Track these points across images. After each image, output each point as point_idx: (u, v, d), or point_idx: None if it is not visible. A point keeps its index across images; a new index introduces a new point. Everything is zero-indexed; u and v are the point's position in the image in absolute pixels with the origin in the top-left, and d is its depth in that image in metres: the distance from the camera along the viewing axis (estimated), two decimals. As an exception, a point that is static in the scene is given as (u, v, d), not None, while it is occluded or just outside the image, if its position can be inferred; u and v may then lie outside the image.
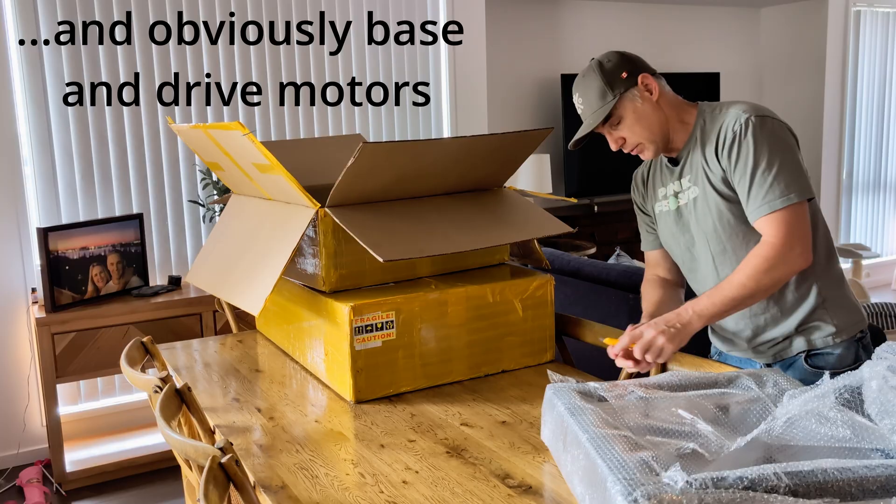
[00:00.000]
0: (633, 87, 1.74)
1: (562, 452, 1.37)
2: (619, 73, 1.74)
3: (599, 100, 1.75)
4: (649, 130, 1.76)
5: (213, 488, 1.21)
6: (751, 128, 1.65)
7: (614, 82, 1.74)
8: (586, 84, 1.77)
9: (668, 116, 1.77)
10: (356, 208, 1.88)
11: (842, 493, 1.06)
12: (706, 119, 1.75)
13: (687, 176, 1.78)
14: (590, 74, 1.77)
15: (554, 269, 3.36)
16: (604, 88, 1.74)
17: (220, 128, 1.92)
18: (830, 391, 1.26)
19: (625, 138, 1.78)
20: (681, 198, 1.81)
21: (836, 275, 1.78)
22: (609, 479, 1.11)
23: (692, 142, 1.77)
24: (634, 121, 1.75)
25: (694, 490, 1.04)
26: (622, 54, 1.77)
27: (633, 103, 1.74)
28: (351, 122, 4.19)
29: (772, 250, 1.62)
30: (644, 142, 1.77)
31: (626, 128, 1.76)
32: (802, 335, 1.76)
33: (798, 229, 1.62)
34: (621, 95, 1.73)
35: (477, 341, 1.97)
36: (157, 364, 2.13)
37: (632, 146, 1.79)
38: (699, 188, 1.75)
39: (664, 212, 1.87)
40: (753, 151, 1.64)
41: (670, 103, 1.78)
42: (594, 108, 1.76)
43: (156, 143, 3.72)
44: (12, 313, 3.47)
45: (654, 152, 1.79)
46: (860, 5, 5.93)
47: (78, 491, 3.28)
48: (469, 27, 4.43)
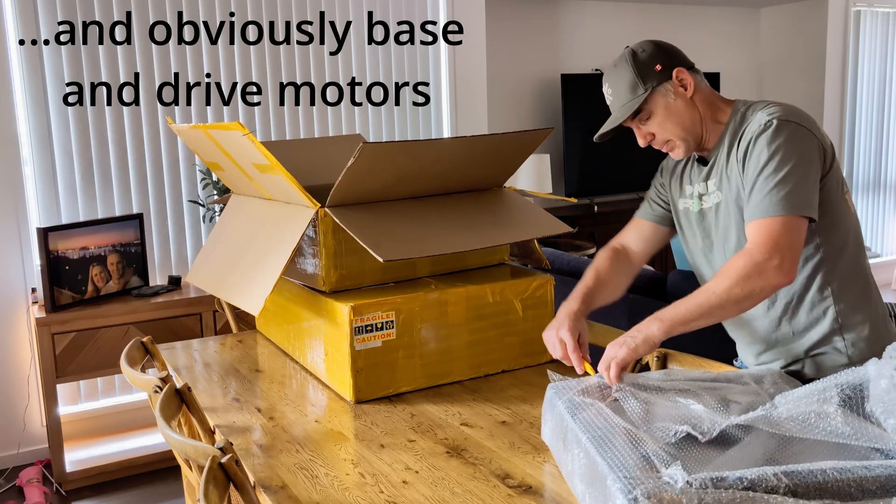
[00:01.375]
0: (667, 81, 1.64)
1: (562, 452, 1.37)
2: (652, 66, 1.64)
3: (630, 92, 1.65)
4: (680, 128, 1.66)
5: (213, 488, 1.21)
6: (769, 130, 1.53)
7: (647, 75, 1.64)
8: (617, 74, 1.67)
9: (702, 114, 1.67)
10: (356, 208, 1.88)
11: (841, 493, 1.06)
12: (737, 121, 1.65)
13: (713, 179, 1.69)
14: (622, 64, 1.66)
15: (554, 269, 3.36)
16: (635, 81, 1.64)
17: (220, 128, 1.92)
18: (832, 387, 1.26)
19: (654, 134, 1.69)
20: (704, 201, 1.72)
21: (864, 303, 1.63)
22: (609, 477, 1.11)
23: (721, 144, 1.67)
24: (665, 117, 1.65)
25: (694, 489, 1.04)
26: (658, 44, 1.67)
27: (666, 98, 1.64)
28: (351, 122, 4.19)
29: (748, 259, 1.48)
30: (674, 139, 1.67)
31: (656, 124, 1.66)
32: (812, 360, 1.65)
33: (783, 242, 1.47)
34: (653, 89, 1.63)
35: (477, 341, 1.97)
36: (157, 364, 2.13)
37: (661, 143, 1.70)
38: (723, 194, 1.66)
39: (688, 210, 1.77)
40: (764, 155, 1.53)
41: (705, 100, 1.67)
42: (623, 100, 1.67)
43: (156, 143, 3.72)
44: (12, 313, 3.47)
45: (686, 151, 1.69)
46: (860, 5, 5.93)
47: (78, 491, 3.28)
48: (469, 27, 4.42)
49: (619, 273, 1.84)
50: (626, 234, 1.90)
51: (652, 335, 1.50)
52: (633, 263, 1.87)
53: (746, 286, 1.46)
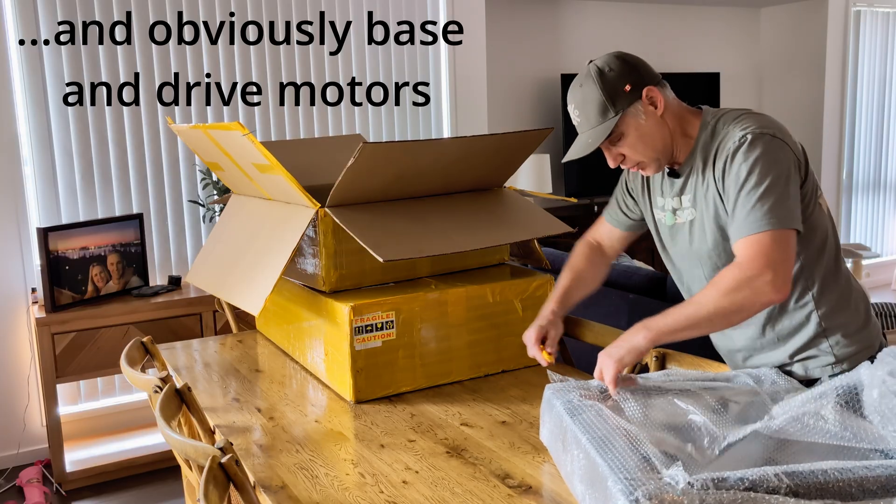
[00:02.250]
0: (637, 102, 1.58)
1: (561, 453, 1.37)
2: (622, 86, 1.57)
3: (599, 116, 1.58)
4: (652, 148, 1.61)
5: (213, 488, 1.21)
6: (745, 145, 1.50)
7: (616, 97, 1.57)
8: (585, 95, 1.60)
9: (671, 130, 1.62)
10: (356, 208, 1.88)
11: (842, 493, 1.06)
12: (709, 135, 1.60)
13: (687, 195, 1.65)
14: (588, 85, 1.59)
15: (554, 269, 3.36)
16: (605, 104, 1.57)
17: (220, 128, 1.92)
18: (830, 391, 1.26)
19: (624, 155, 1.64)
20: (678, 216, 1.68)
21: (845, 301, 1.63)
22: (610, 478, 1.11)
23: (693, 158, 1.62)
24: (637, 138, 1.59)
25: (695, 490, 1.04)
26: (625, 61, 1.59)
27: (637, 119, 1.58)
28: (351, 122, 4.19)
29: (738, 272, 1.45)
30: (646, 160, 1.63)
31: (628, 146, 1.61)
32: (799, 363, 1.64)
33: (774, 257, 1.44)
34: (623, 111, 1.57)
35: (477, 341, 1.97)
36: (157, 364, 2.13)
37: (632, 164, 1.65)
38: (697, 212, 1.63)
39: (661, 222, 1.75)
40: (743, 170, 1.49)
41: (674, 115, 1.63)
42: (593, 123, 1.60)
43: (156, 143, 3.72)
44: (12, 313, 3.46)
45: (657, 169, 1.65)
46: (860, 5, 5.93)
47: (78, 491, 3.28)
48: (469, 27, 4.42)
49: (595, 266, 1.91)
50: (599, 230, 1.95)
51: (637, 345, 1.49)
52: (607, 257, 1.94)
53: (737, 299, 1.44)
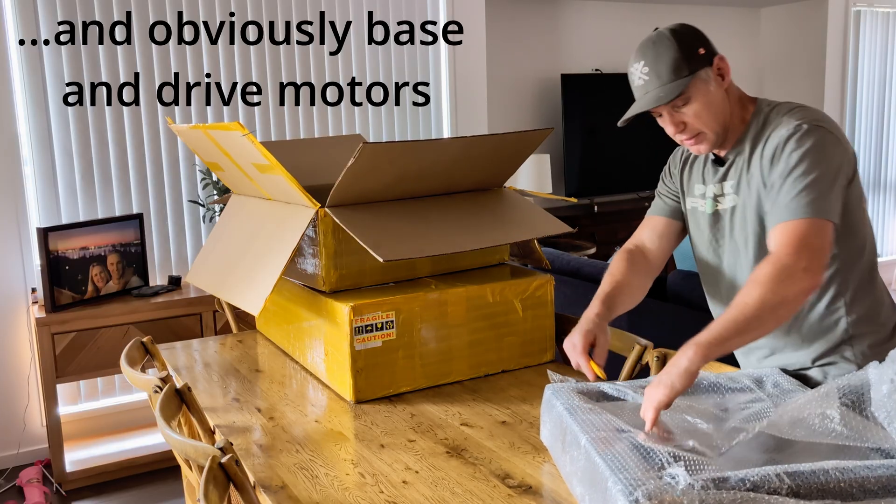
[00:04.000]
0: (708, 67, 1.54)
1: (561, 453, 1.37)
2: (696, 48, 1.52)
3: (672, 73, 1.51)
4: (716, 121, 1.55)
5: (213, 488, 1.21)
6: (799, 133, 1.47)
7: (691, 57, 1.51)
8: (658, 52, 1.53)
9: (732, 109, 1.58)
10: (356, 208, 1.88)
11: (843, 493, 1.06)
12: (760, 123, 1.57)
13: (730, 181, 1.61)
14: (663, 42, 1.53)
15: (554, 269, 3.36)
16: (679, 61, 1.51)
17: (220, 128, 1.92)
18: (834, 391, 1.26)
19: (686, 123, 1.56)
20: (720, 202, 1.64)
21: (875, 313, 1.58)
22: (610, 478, 1.10)
23: (742, 145, 1.59)
24: (704, 105, 1.54)
25: (696, 490, 1.04)
26: (695, 28, 1.55)
27: (707, 86, 1.53)
28: (351, 122, 4.19)
29: (776, 263, 1.40)
30: (707, 132, 1.56)
31: (692, 112, 1.54)
32: (819, 369, 1.60)
33: (809, 242, 1.41)
34: (695, 74, 1.52)
35: (477, 341, 1.97)
36: (157, 364, 2.13)
37: (692, 133, 1.57)
38: (740, 199, 1.59)
39: (698, 211, 1.70)
40: (793, 158, 1.46)
41: (735, 95, 1.59)
42: (664, 80, 1.52)
43: (156, 143, 3.72)
44: (12, 313, 3.46)
45: (711, 147, 1.59)
46: (860, 5, 5.93)
47: (78, 491, 3.28)
48: (469, 27, 4.42)
49: (637, 275, 1.75)
50: (641, 234, 1.83)
51: (688, 366, 1.34)
52: (651, 263, 1.79)
53: (779, 291, 1.37)
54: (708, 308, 2.76)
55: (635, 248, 1.81)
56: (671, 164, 1.81)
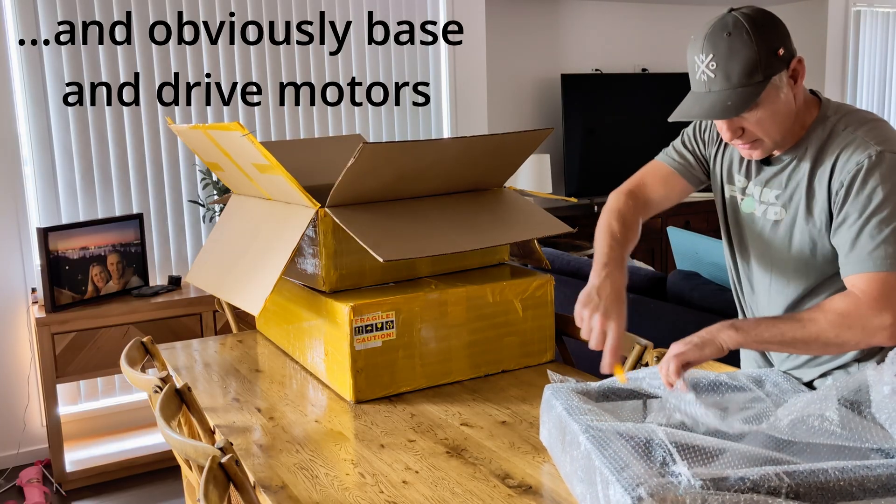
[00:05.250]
0: (784, 71, 1.33)
1: (561, 453, 1.37)
2: (776, 48, 1.31)
3: (745, 76, 1.31)
4: (779, 129, 1.38)
5: (213, 488, 1.21)
6: (882, 165, 1.31)
7: (771, 59, 1.31)
8: (732, 48, 1.31)
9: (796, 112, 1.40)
10: (356, 208, 1.88)
11: (843, 492, 1.06)
12: (826, 133, 1.40)
13: (775, 191, 1.46)
14: (740, 36, 1.31)
15: (554, 269, 3.36)
16: (757, 63, 1.30)
17: (220, 128, 1.92)
18: (832, 393, 1.26)
19: (744, 129, 1.39)
20: (758, 209, 1.51)
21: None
22: (611, 477, 1.10)
23: (800, 153, 1.42)
24: (770, 114, 1.35)
25: (697, 489, 1.04)
26: (776, 19, 1.34)
27: (778, 91, 1.34)
28: (351, 122, 4.19)
29: (855, 308, 1.30)
30: (766, 140, 1.40)
31: (755, 119, 1.36)
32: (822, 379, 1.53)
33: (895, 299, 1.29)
34: (769, 79, 1.32)
35: (477, 341, 1.97)
36: (157, 364, 2.13)
37: (748, 140, 1.41)
38: (789, 215, 1.44)
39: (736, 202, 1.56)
40: (879, 191, 1.30)
41: (801, 98, 1.41)
42: (734, 83, 1.32)
43: (156, 143, 3.72)
44: (12, 313, 3.46)
45: (764, 154, 1.44)
46: (860, 5, 5.93)
47: (78, 491, 3.28)
48: (469, 27, 4.42)
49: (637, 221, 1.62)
50: (644, 177, 1.67)
51: (723, 341, 1.33)
52: (647, 211, 1.65)
53: (843, 335, 1.31)
54: (708, 308, 2.76)
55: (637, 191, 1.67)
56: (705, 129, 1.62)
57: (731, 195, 1.58)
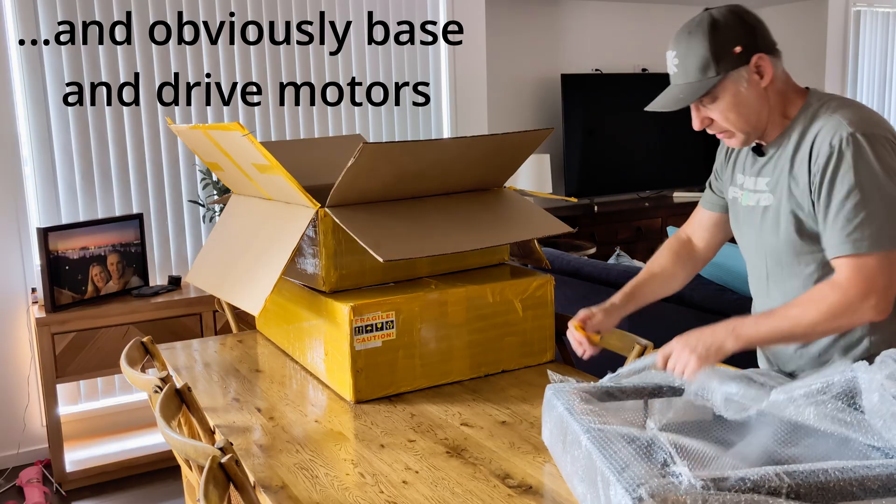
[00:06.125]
0: (743, 67, 1.45)
1: (562, 453, 1.37)
2: (731, 47, 1.43)
3: (699, 72, 1.45)
4: (745, 121, 1.49)
5: (213, 488, 1.21)
6: (854, 147, 1.38)
7: (723, 56, 1.43)
8: (689, 44, 1.46)
9: (771, 106, 1.49)
10: (356, 208, 1.88)
11: (843, 492, 1.07)
12: (808, 119, 1.48)
13: (766, 178, 1.55)
14: (698, 35, 1.45)
15: (554, 269, 3.36)
16: (708, 60, 1.44)
17: (220, 128, 1.92)
18: (829, 393, 1.26)
19: (712, 120, 1.51)
20: (751, 198, 1.59)
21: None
22: (612, 477, 1.11)
23: (784, 141, 1.51)
24: (731, 106, 1.47)
25: (698, 490, 1.04)
26: (743, 20, 1.45)
27: (737, 86, 1.46)
28: (351, 122, 4.19)
29: (842, 298, 1.37)
30: (734, 130, 1.51)
31: (718, 111, 1.48)
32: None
33: (878, 282, 1.36)
34: (726, 74, 1.44)
35: (477, 341, 1.97)
36: (157, 364, 2.13)
37: (718, 130, 1.53)
38: (775, 199, 1.52)
39: (738, 201, 1.65)
40: (850, 175, 1.37)
41: (779, 91, 1.50)
42: (690, 78, 1.47)
43: (156, 143, 3.72)
44: (12, 313, 3.46)
45: (744, 143, 1.54)
46: (860, 5, 5.93)
47: (78, 491, 3.28)
48: (469, 27, 4.42)
49: (678, 264, 1.75)
50: (692, 223, 1.81)
51: (726, 350, 1.43)
52: (696, 255, 1.78)
53: (835, 322, 1.39)
54: (708, 308, 2.76)
55: (685, 237, 1.82)
56: (720, 153, 1.75)
57: (734, 196, 1.66)
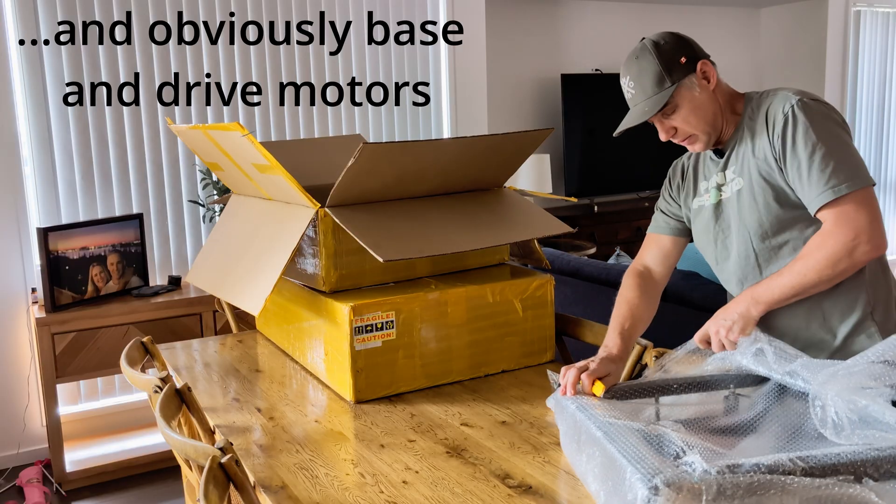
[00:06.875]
0: (692, 74, 1.62)
1: (576, 452, 1.37)
2: (677, 58, 1.61)
3: (655, 86, 1.62)
4: (705, 122, 1.64)
5: (213, 488, 1.21)
6: (804, 110, 1.54)
7: (673, 68, 1.61)
8: (641, 67, 1.63)
9: (722, 106, 1.66)
10: (356, 208, 1.88)
11: (856, 473, 1.09)
12: (753, 107, 1.65)
13: (732, 167, 1.68)
14: (645, 57, 1.63)
15: (554, 269, 3.36)
16: (661, 74, 1.61)
17: (220, 128, 1.92)
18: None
19: (676, 128, 1.66)
20: (724, 190, 1.70)
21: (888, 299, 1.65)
22: (628, 469, 1.12)
23: (739, 132, 1.66)
24: (690, 111, 1.63)
25: (712, 476, 1.05)
26: (678, 36, 1.65)
27: (691, 92, 1.62)
28: (351, 122, 4.19)
29: (834, 243, 1.50)
30: (698, 133, 1.66)
31: (681, 118, 1.64)
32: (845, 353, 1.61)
33: (865, 216, 1.49)
34: (679, 83, 1.61)
35: (477, 341, 1.97)
36: (157, 364, 2.13)
37: (683, 137, 1.68)
38: (745, 180, 1.65)
39: (703, 207, 1.75)
40: (811, 134, 1.52)
41: (724, 92, 1.67)
42: (649, 94, 1.63)
43: (156, 143, 3.72)
44: (12, 313, 3.46)
45: (706, 144, 1.68)
46: (860, 5, 5.93)
47: (78, 491, 3.28)
48: (469, 27, 4.42)
49: (649, 299, 1.80)
50: (646, 254, 1.87)
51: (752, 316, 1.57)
52: (658, 284, 1.85)
53: (839, 267, 1.51)
54: (708, 308, 2.76)
55: (644, 270, 1.85)
56: (671, 177, 1.86)
57: (699, 205, 1.77)
